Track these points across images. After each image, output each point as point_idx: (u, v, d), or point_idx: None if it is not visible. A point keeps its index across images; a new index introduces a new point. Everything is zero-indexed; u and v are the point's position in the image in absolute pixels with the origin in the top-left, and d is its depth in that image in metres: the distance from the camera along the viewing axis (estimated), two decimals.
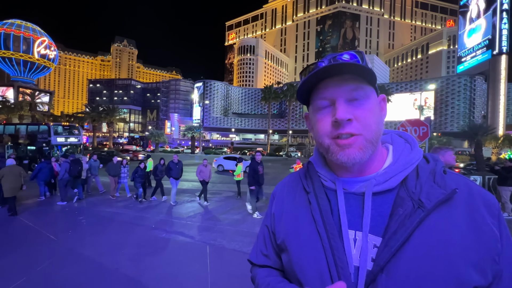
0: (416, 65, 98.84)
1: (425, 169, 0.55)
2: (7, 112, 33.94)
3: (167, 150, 45.05)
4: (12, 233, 5.23)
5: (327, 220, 0.55)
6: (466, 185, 0.52)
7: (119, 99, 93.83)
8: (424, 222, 0.48)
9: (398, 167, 0.55)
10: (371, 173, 0.57)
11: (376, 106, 0.57)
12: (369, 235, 0.52)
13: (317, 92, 0.58)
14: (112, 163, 8.80)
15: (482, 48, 41.98)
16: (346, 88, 0.54)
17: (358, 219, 0.54)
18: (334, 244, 0.53)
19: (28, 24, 50.68)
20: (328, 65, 0.53)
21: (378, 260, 0.48)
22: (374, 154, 0.57)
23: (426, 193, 0.50)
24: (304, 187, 0.64)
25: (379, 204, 0.53)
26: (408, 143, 0.62)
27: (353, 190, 0.57)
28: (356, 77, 0.54)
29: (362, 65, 0.53)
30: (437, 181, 0.52)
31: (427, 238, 0.47)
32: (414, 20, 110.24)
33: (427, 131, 5.54)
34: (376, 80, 0.57)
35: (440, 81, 51.27)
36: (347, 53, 0.56)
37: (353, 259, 0.52)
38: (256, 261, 0.72)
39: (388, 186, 0.54)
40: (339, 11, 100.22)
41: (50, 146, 16.50)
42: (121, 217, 6.38)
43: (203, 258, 4.15)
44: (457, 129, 45.01)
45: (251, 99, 71.54)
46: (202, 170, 8.07)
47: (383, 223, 0.51)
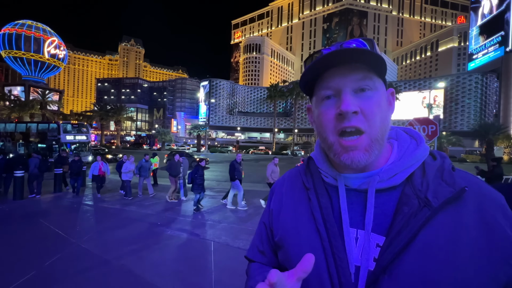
0: (425, 62, 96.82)
1: (432, 166, 0.52)
2: (19, 110, 34.82)
3: (173, 149, 45.44)
4: (31, 229, 5.36)
5: (327, 217, 0.54)
6: (476, 184, 0.50)
7: (127, 98, 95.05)
8: (430, 222, 0.46)
9: (403, 163, 0.53)
10: (374, 169, 0.54)
11: (384, 100, 0.54)
12: (371, 234, 0.50)
13: (322, 82, 0.54)
14: (173, 162, 8.22)
15: (495, 45, 40.86)
16: (353, 78, 0.51)
17: (360, 217, 0.52)
18: (334, 243, 0.51)
19: (39, 24, 51.75)
20: (335, 51, 0.50)
21: (380, 260, 0.46)
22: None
23: (433, 191, 0.48)
24: (304, 183, 0.62)
25: (383, 201, 0.51)
26: (414, 139, 0.59)
27: (355, 186, 0.55)
28: (365, 66, 0.51)
29: (372, 52, 0.49)
30: (445, 179, 0.50)
31: (433, 239, 0.45)
32: (423, 17, 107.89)
33: (436, 129, 5.43)
34: (386, 71, 0.54)
35: (450, 79, 50.08)
36: (355, 41, 0.52)
37: (354, 259, 0.50)
38: (253, 257, 0.70)
39: (393, 183, 0.52)
40: (346, 8, 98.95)
41: (60, 143, 16.86)
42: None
43: (207, 255, 4.17)
44: (468, 128, 43.97)
45: (257, 97, 71.45)
46: (274, 171, 7.26)
47: (387, 222, 0.49)
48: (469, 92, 47.54)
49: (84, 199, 8.13)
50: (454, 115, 49.15)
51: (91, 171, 8.50)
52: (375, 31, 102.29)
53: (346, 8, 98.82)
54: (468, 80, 47.64)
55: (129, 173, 8.23)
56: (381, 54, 0.51)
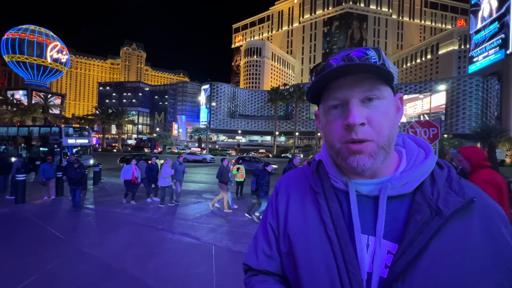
0: (425, 65, 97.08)
1: (440, 175, 0.53)
2: (21, 114, 35.06)
3: (174, 152, 45.50)
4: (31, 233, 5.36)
5: (338, 223, 0.53)
6: (480, 195, 0.51)
7: (128, 102, 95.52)
8: (442, 230, 0.46)
9: (414, 172, 0.53)
10: (383, 176, 0.55)
11: (392, 107, 0.54)
12: (382, 240, 0.50)
13: (329, 92, 0.54)
14: (222, 167, 7.50)
15: (495, 48, 40.91)
16: (360, 89, 0.51)
17: (370, 224, 0.52)
18: (346, 249, 0.51)
19: (42, 29, 52.39)
20: (342, 66, 0.50)
21: (394, 267, 0.46)
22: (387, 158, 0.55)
23: (444, 200, 0.49)
24: (312, 187, 0.61)
25: (393, 208, 0.52)
26: (421, 148, 0.59)
27: (366, 193, 0.55)
28: (372, 76, 0.51)
29: (379, 66, 0.50)
30: (454, 188, 0.51)
31: (444, 247, 0.46)
32: (423, 20, 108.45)
33: (437, 132, 5.40)
34: (394, 78, 0.54)
35: (451, 82, 50.13)
36: (361, 50, 0.53)
37: (366, 265, 0.50)
38: (257, 265, 0.65)
39: (404, 190, 0.52)
40: (346, 12, 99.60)
41: (61, 147, 16.91)
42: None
43: (208, 259, 4.15)
44: (469, 130, 43.79)
45: (258, 101, 71.64)
46: None
47: (398, 229, 0.49)
48: (470, 95, 47.54)
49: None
50: (456, 117, 49.10)
51: (122, 175, 7.83)
52: (375, 35, 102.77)
53: (346, 12, 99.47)
54: (469, 82, 47.67)
55: (168, 179, 7.59)
56: (388, 63, 0.52)
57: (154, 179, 8.43)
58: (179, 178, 7.93)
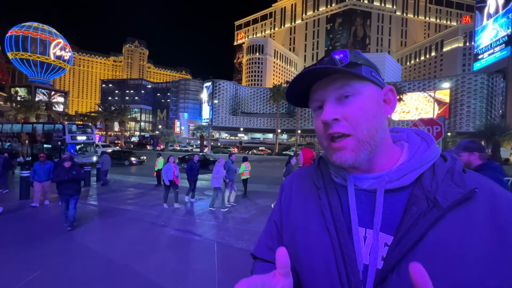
0: (429, 63, 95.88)
1: (442, 167, 0.53)
2: (25, 111, 35.33)
3: (176, 149, 45.66)
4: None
5: (336, 216, 0.55)
6: (488, 185, 0.50)
7: (131, 99, 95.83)
8: (439, 222, 0.46)
9: (413, 164, 0.54)
10: (383, 170, 0.56)
11: (372, 101, 0.55)
12: (380, 233, 0.51)
13: (311, 94, 0.59)
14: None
15: (501, 45, 40.30)
16: (332, 88, 0.54)
17: (369, 217, 0.53)
18: (343, 241, 0.52)
19: (45, 26, 52.53)
20: (308, 70, 0.53)
21: (388, 258, 0.47)
22: (383, 152, 0.56)
23: (443, 192, 0.48)
24: (314, 182, 0.64)
25: (391, 202, 0.52)
26: (425, 141, 0.60)
27: (365, 187, 0.56)
28: (344, 75, 0.53)
29: (339, 69, 0.52)
30: (455, 180, 0.50)
31: (442, 239, 0.45)
32: (428, 17, 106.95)
33: (441, 130, 5.36)
34: (374, 71, 0.56)
35: (455, 79, 49.50)
36: (341, 51, 0.55)
37: (363, 257, 0.51)
38: (260, 255, 0.70)
39: (402, 183, 0.53)
40: (349, 9, 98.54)
41: (65, 144, 17.05)
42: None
43: (210, 256, 4.18)
44: (473, 129, 43.35)
45: (260, 98, 71.44)
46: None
47: (395, 222, 0.50)
48: (475, 93, 46.94)
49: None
50: (460, 115, 48.57)
51: (164, 175, 7.15)
52: (378, 32, 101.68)
53: (350, 8, 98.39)
54: (474, 80, 47.04)
55: (220, 179, 7.05)
56: (362, 59, 0.55)
57: (195, 178, 7.96)
58: (231, 177, 7.48)
